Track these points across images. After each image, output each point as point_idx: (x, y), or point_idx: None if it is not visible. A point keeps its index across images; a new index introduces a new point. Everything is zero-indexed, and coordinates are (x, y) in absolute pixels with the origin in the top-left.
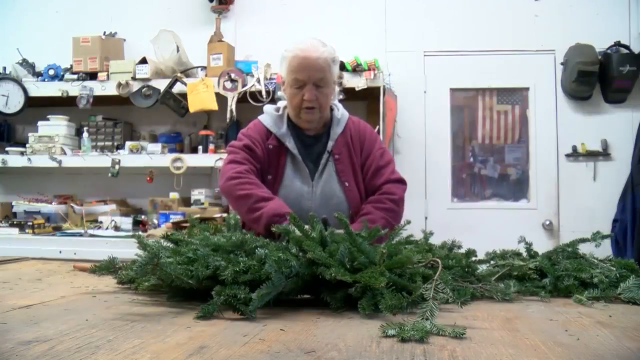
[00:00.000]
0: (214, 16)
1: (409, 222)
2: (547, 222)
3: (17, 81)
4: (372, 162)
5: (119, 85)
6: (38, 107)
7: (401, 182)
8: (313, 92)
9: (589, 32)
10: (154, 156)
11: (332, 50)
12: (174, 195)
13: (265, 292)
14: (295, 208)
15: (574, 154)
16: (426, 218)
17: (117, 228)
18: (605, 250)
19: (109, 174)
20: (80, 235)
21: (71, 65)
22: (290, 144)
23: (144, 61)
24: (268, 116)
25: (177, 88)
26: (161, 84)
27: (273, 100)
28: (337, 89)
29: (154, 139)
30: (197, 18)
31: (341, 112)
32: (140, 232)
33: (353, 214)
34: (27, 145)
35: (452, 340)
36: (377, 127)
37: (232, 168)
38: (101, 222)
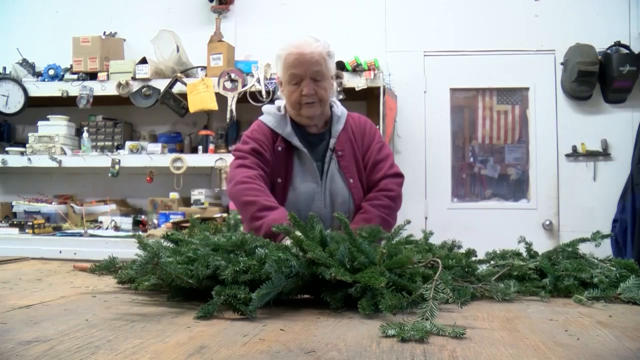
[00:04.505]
0: (214, 16)
1: (409, 222)
2: (547, 222)
3: (17, 81)
4: (370, 157)
5: (119, 85)
6: (38, 107)
7: (399, 175)
8: (311, 86)
9: (589, 32)
10: (154, 156)
11: (326, 45)
12: (174, 195)
13: (265, 292)
14: (307, 209)
15: (574, 154)
16: (426, 218)
17: (117, 228)
18: (605, 250)
19: (109, 174)
20: (80, 235)
21: (71, 65)
22: (297, 142)
23: (144, 61)
24: (270, 116)
25: (177, 88)
26: (161, 84)
27: (273, 101)
28: (334, 84)
29: (154, 139)
30: (197, 18)
31: (340, 109)
32: (140, 232)
33: (356, 212)
34: (27, 145)
35: (452, 340)
36: (377, 127)
37: (241, 172)
38: (101, 222)
